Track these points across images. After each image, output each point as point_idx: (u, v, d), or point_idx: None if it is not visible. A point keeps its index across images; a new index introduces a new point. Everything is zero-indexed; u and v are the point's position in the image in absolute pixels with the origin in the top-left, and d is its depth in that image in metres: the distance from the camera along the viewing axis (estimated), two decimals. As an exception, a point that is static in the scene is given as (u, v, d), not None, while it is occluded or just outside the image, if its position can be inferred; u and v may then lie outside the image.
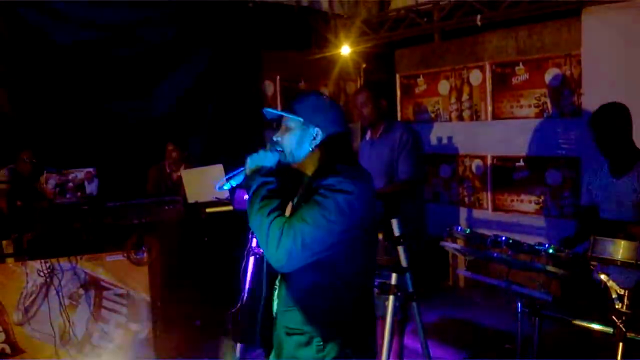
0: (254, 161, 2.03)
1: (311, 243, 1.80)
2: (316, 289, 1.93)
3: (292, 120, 2.05)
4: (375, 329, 2.14)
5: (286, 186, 2.04)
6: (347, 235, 1.87)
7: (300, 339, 1.95)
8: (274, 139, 2.09)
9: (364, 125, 4.19)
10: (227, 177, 2.08)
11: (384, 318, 3.37)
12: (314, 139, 2.04)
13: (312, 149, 2.04)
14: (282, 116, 2.11)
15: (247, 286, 3.57)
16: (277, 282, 2.11)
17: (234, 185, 2.06)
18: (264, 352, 2.20)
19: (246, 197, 2.02)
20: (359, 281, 2.00)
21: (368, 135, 4.08)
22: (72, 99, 5.40)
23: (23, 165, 5.55)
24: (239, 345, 3.61)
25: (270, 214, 1.85)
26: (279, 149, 2.06)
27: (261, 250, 3.47)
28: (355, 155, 2.20)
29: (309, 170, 2.05)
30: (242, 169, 2.07)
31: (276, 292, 2.10)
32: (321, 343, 1.92)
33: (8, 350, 3.79)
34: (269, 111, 2.14)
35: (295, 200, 2.06)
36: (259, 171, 2.00)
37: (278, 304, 2.06)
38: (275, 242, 1.80)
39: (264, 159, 2.03)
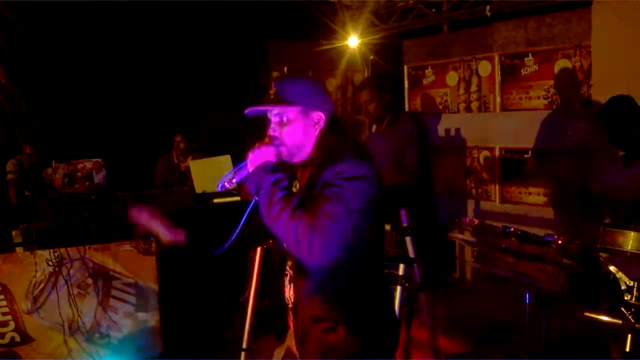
0: (257, 157, 1.91)
1: (340, 237, 1.75)
2: (337, 273, 1.85)
3: (289, 111, 1.94)
4: (393, 309, 2.14)
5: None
6: (365, 217, 1.83)
7: (326, 325, 1.90)
8: (272, 134, 1.97)
9: (370, 121, 4.16)
10: (228, 174, 1.98)
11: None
12: (317, 123, 1.97)
13: (317, 134, 1.96)
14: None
15: (255, 276, 3.58)
16: (287, 269, 2.05)
17: (236, 183, 1.97)
18: (277, 338, 2.20)
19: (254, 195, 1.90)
20: (373, 258, 1.98)
21: (374, 128, 4.06)
22: (80, 90, 5.43)
23: (26, 158, 5.63)
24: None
25: (294, 215, 1.75)
26: (279, 144, 1.95)
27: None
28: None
29: (313, 157, 1.96)
30: (242, 164, 1.95)
31: (287, 279, 2.05)
32: (346, 327, 1.88)
33: (17, 338, 3.82)
34: (260, 110, 1.98)
35: (301, 187, 1.98)
36: (264, 168, 1.88)
37: (296, 291, 1.99)
38: (307, 244, 1.73)
39: (267, 154, 1.92)
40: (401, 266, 3.25)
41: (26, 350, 3.83)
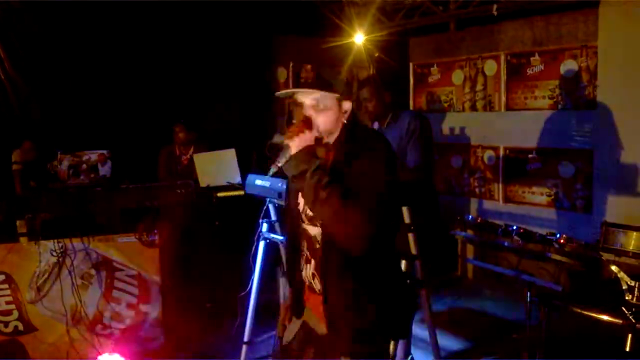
0: (300, 141, 1.96)
1: (378, 219, 1.91)
2: (368, 255, 1.95)
3: (328, 98, 2.01)
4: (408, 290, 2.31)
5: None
6: (393, 200, 2.00)
7: (357, 311, 2.02)
8: (307, 116, 2.02)
9: (370, 119, 4.15)
10: (270, 161, 2.00)
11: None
12: (346, 112, 2.08)
13: (344, 122, 2.07)
14: (295, 94, 2.06)
15: (257, 271, 3.60)
16: (304, 249, 2.13)
17: (280, 167, 1.98)
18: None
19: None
20: (393, 237, 2.13)
21: (376, 126, 4.06)
22: (87, 82, 5.45)
23: (25, 154, 5.64)
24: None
25: (344, 202, 1.87)
26: (313, 127, 2.02)
27: (271, 236, 3.51)
28: None
29: (339, 142, 2.06)
30: (282, 147, 1.97)
31: (303, 259, 2.14)
32: (375, 310, 2.02)
33: (21, 327, 3.85)
34: (291, 91, 2.06)
35: (327, 168, 2.00)
36: (309, 152, 1.96)
37: (324, 278, 2.05)
38: (354, 227, 1.88)
39: (308, 138, 1.99)
40: (403, 262, 3.26)
41: (29, 340, 3.85)
